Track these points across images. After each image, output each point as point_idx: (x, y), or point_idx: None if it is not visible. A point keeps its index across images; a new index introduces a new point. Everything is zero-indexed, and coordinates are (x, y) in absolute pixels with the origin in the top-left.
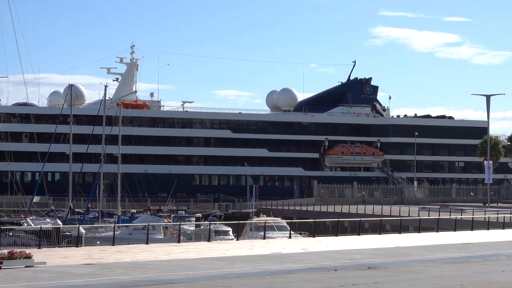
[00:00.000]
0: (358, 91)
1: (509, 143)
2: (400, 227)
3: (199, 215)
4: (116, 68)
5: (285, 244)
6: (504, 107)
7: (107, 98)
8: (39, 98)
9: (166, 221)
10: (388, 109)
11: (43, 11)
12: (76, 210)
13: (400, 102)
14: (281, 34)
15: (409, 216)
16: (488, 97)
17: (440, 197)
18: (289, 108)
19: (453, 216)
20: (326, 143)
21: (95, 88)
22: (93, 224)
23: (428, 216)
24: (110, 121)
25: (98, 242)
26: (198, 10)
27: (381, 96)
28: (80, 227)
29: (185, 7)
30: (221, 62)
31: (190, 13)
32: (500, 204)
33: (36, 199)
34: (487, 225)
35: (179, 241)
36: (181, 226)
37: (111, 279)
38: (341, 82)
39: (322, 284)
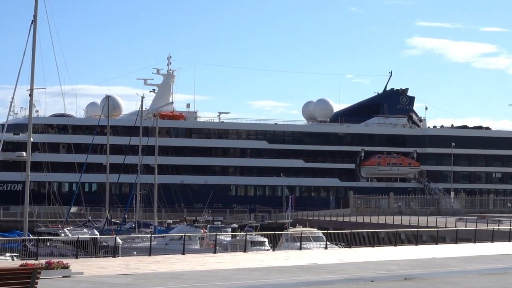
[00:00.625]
0: (395, 101)
1: None
2: (437, 238)
3: (235, 225)
4: (152, 79)
5: (321, 255)
6: None
7: (143, 109)
8: (77, 109)
9: (202, 231)
10: (425, 119)
11: (81, 23)
12: (113, 220)
13: (437, 113)
14: (317, 45)
15: (446, 227)
16: None
17: (477, 207)
18: (325, 119)
19: (490, 227)
20: (362, 154)
21: (132, 99)
22: (130, 234)
23: (465, 227)
24: (146, 132)
25: (135, 253)
26: (234, 22)
27: (417, 107)
28: (117, 238)
29: (222, 19)
30: (257, 73)
31: (227, 24)
32: None
33: (73, 209)
34: None
35: (215, 252)
36: (217, 237)
37: None
38: (377, 93)
39: None
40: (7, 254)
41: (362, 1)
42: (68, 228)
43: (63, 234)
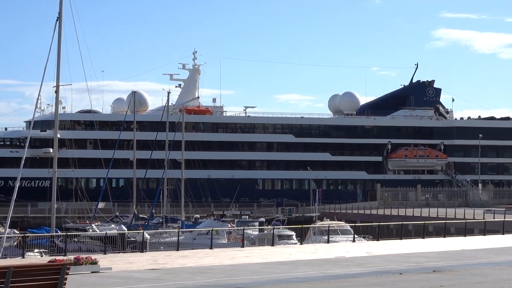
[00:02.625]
0: (421, 93)
1: None
2: (465, 229)
3: (263, 219)
4: (178, 74)
5: (349, 248)
6: None
7: (170, 104)
8: (103, 105)
9: (230, 226)
10: (451, 111)
11: (106, 18)
12: (141, 215)
13: (464, 104)
14: (342, 38)
15: (474, 218)
16: None
17: (506, 199)
18: (351, 112)
19: None
20: (389, 147)
21: (158, 95)
22: (157, 229)
23: (493, 218)
24: (173, 127)
25: (162, 248)
26: (260, 16)
27: (444, 99)
28: (144, 233)
29: (247, 13)
30: (283, 66)
31: (252, 18)
32: None
33: (100, 205)
34: None
35: (243, 246)
36: (244, 231)
37: (176, 284)
38: (404, 85)
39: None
40: (36, 250)
41: None
42: (96, 223)
43: (91, 230)
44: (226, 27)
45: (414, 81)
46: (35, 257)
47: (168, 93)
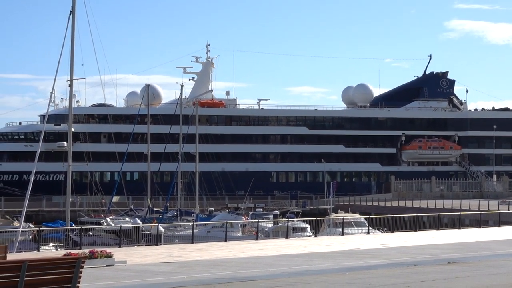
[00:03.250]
0: (435, 85)
1: None
2: (480, 221)
3: (277, 212)
4: (192, 67)
5: (363, 240)
6: None
7: (183, 97)
8: (116, 99)
9: (244, 218)
10: (465, 102)
11: (119, 12)
12: (155, 209)
13: (478, 95)
14: (355, 30)
15: (488, 210)
16: None
17: None
18: (365, 104)
19: None
20: (403, 138)
21: (171, 88)
22: (172, 222)
23: (508, 210)
24: (186, 120)
25: (177, 241)
26: (272, 8)
27: (458, 90)
28: (159, 226)
29: (260, 6)
30: (296, 59)
31: (264, 11)
32: None
33: (115, 198)
34: None
35: (257, 239)
36: (259, 224)
37: (191, 277)
38: (417, 77)
39: (402, 280)
40: (51, 244)
41: None
42: (111, 217)
43: (105, 223)
44: (239, 19)
45: (427, 72)
46: (50, 251)
47: (182, 86)
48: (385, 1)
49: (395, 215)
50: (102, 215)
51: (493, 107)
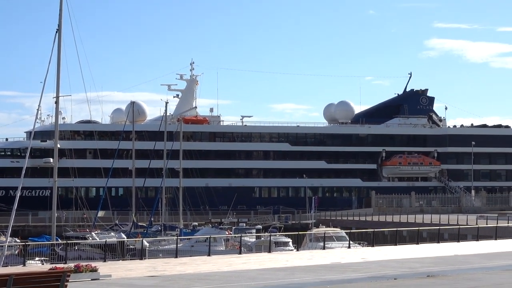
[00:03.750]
0: (415, 102)
1: None
2: (458, 235)
3: (260, 227)
4: (176, 84)
5: (344, 254)
6: None
7: (168, 114)
8: (102, 116)
9: (227, 233)
10: (445, 119)
11: (104, 30)
12: (140, 224)
13: (457, 112)
14: (336, 48)
15: (467, 224)
16: None
17: (498, 205)
18: (346, 121)
19: (510, 224)
20: (384, 154)
21: (156, 105)
22: (156, 237)
23: (486, 224)
24: (171, 137)
25: (161, 255)
26: (255, 27)
27: (437, 107)
28: (143, 240)
29: (243, 25)
30: (278, 76)
31: (247, 29)
32: None
33: (100, 213)
34: None
35: (240, 253)
36: (242, 238)
37: None
38: (397, 94)
39: None
40: (37, 258)
41: (381, 4)
42: (96, 232)
43: (91, 238)
44: (223, 38)
45: (407, 90)
46: (36, 265)
47: (166, 103)
48: (367, 20)
49: (375, 230)
50: (88, 230)
51: (472, 124)
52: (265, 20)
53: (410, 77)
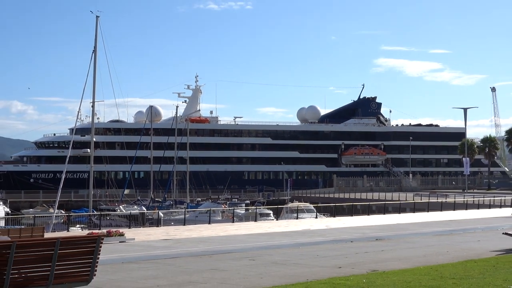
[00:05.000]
0: (366, 107)
1: (481, 144)
2: (399, 208)
3: (248, 201)
4: (184, 92)
5: (312, 223)
6: (477, 117)
7: (178, 115)
8: (127, 116)
9: (223, 206)
10: (389, 120)
11: (130, 50)
12: (156, 199)
13: (398, 114)
14: (307, 65)
15: (406, 200)
16: (465, 110)
17: (430, 185)
18: (314, 120)
19: (439, 200)
20: (343, 147)
21: (169, 108)
22: (169, 209)
23: (421, 200)
24: (180, 133)
25: (173, 223)
26: (245, 50)
27: (383, 110)
28: (159, 212)
29: (236, 48)
30: (262, 87)
31: (239, 52)
32: (475, 190)
33: (126, 191)
34: (466, 206)
35: (233, 222)
36: (234, 210)
37: (184, 250)
38: (353, 100)
39: (341, 252)
40: (77, 225)
41: (341, 31)
42: (123, 205)
43: (118, 210)
44: (220, 58)
45: (361, 97)
46: (77, 231)
47: (177, 107)
48: (330, 44)
49: (336, 204)
50: (116, 204)
51: (410, 123)
52: (254, 45)
53: (363, 88)
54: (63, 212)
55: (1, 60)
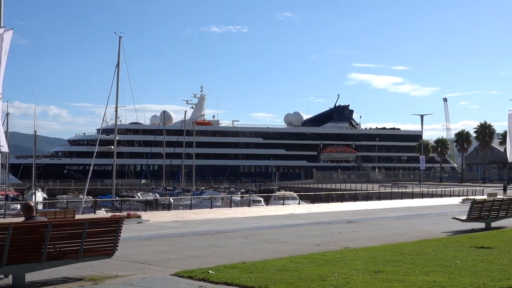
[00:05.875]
0: (341, 113)
1: (435, 144)
2: (367, 197)
3: (243, 190)
4: (191, 100)
5: (296, 208)
6: (432, 122)
7: (186, 119)
8: (144, 119)
9: (223, 194)
10: (360, 124)
11: (147, 65)
12: (167, 188)
13: (367, 120)
14: (292, 79)
15: (372, 190)
16: (422, 116)
17: (392, 178)
18: (298, 124)
19: (400, 190)
20: (321, 146)
21: (179, 113)
22: (178, 196)
23: (385, 190)
24: (188, 133)
25: (181, 208)
26: (242, 66)
27: (355, 116)
28: (170, 198)
29: (234, 64)
30: (256, 95)
31: (237, 67)
32: (429, 183)
33: (143, 181)
34: (421, 195)
35: (230, 207)
36: (232, 197)
37: (190, 230)
38: (330, 108)
39: (320, 232)
40: (103, 209)
41: (320, 51)
42: (140, 193)
43: (136, 197)
44: (221, 72)
45: (336, 105)
46: (102, 213)
47: (185, 112)
48: (311, 62)
49: (315, 193)
50: (135, 191)
51: (376, 127)
52: (249, 61)
53: (338, 97)
54: (90, 198)
55: (41, 71)
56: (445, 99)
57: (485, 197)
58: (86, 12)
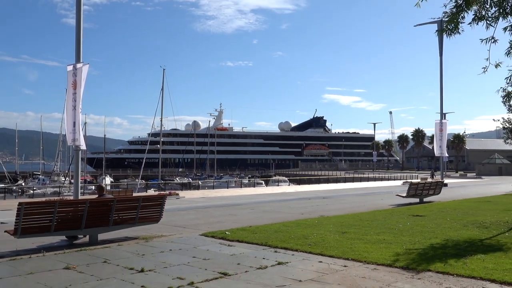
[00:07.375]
0: (318, 122)
1: (383, 144)
2: (337, 180)
3: (250, 176)
4: (213, 113)
5: (287, 188)
6: (381, 128)
7: (210, 126)
8: (181, 126)
9: (235, 178)
10: (331, 129)
11: (184, 87)
12: (197, 174)
13: (336, 126)
14: (284, 98)
15: (340, 176)
16: (374, 124)
17: (354, 167)
18: (288, 129)
19: (359, 175)
20: (304, 145)
21: (205, 122)
22: (205, 180)
23: (349, 175)
24: (211, 136)
25: (207, 188)
26: (248, 86)
27: (328, 124)
28: (199, 181)
29: (243, 87)
30: (259, 109)
31: (245, 89)
32: (380, 170)
33: (180, 170)
34: (374, 179)
35: (241, 187)
36: (242, 181)
37: (213, 203)
38: (310, 118)
39: (304, 205)
40: (152, 189)
41: (303, 78)
42: (178, 177)
43: (175, 180)
44: (235, 93)
45: (315, 116)
46: (152, 192)
47: (209, 121)
48: (296, 87)
49: (301, 177)
50: (174, 176)
51: (343, 131)
52: (254, 86)
53: (315, 111)
54: (143, 181)
55: (108, 93)
56: (390, 112)
57: (419, 180)
58: (138, 52)
